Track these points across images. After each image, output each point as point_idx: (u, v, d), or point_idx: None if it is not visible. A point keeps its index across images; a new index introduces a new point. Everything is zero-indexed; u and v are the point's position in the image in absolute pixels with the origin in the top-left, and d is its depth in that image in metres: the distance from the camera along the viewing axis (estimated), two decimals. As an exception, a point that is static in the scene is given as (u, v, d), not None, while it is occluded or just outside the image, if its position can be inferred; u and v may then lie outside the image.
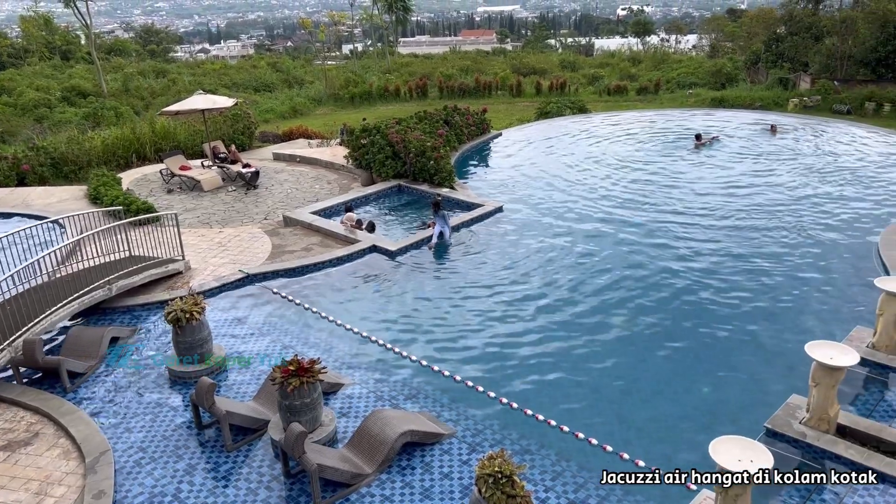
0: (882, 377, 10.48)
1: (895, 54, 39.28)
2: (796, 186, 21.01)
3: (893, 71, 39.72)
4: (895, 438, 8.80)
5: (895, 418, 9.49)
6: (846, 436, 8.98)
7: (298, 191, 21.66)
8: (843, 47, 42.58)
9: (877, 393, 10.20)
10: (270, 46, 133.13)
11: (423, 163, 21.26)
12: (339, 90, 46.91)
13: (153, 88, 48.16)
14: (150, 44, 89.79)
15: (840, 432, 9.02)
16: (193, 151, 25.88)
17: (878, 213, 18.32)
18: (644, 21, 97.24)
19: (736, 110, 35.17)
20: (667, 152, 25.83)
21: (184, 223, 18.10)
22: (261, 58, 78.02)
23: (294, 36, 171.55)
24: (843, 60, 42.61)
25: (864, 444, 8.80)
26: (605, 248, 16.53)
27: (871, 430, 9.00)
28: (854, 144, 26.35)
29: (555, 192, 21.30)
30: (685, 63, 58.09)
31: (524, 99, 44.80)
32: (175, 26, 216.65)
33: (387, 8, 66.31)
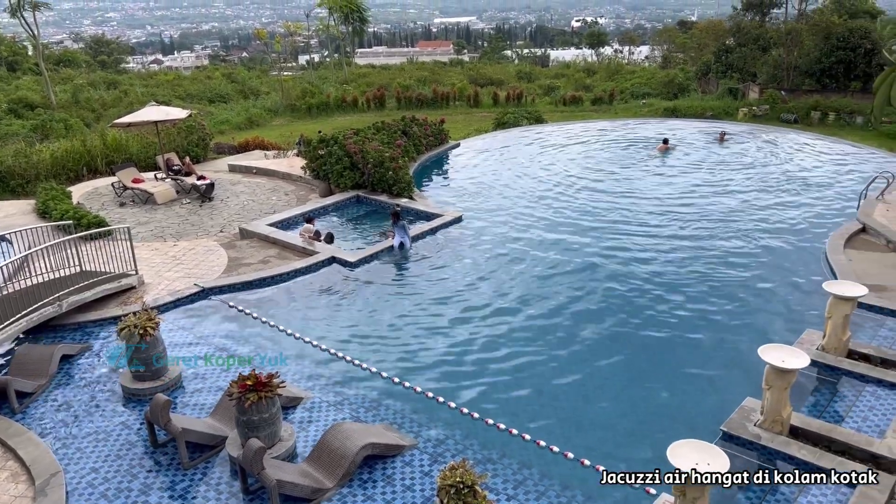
0: (831, 378, 10.76)
1: (838, 65, 40.61)
2: (747, 194, 21.54)
3: (837, 81, 41.04)
4: (845, 438, 9.04)
5: (845, 419, 9.75)
6: (799, 437, 9.19)
7: (255, 202, 21.40)
8: (789, 58, 43.90)
9: (827, 394, 10.47)
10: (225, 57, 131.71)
11: (382, 173, 21.22)
12: (295, 101, 46.55)
13: (104, 100, 47.11)
14: (101, 55, 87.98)
15: (793, 433, 9.23)
16: (147, 164, 25.38)
17: (825, 219, 18.87)
18: (598, 33, 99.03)
19: (688, 119, 35.93)
20: (622, 161, 26.24)
21: (137, 237, 17.73)
22: (215, 69, 77.06)
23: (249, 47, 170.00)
24: (789, 71, 43.92)
25: (815, 445, 9.02)
26: (562, 256, 16.69)
27: (822, 430, 9.24)
28: (801, 152, 27.14)
29: (513, 201, 21.46)
30: (638, 74, 59.19)
31: (482, 109, 45.06)
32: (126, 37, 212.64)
33: (343, 19, 66.12)
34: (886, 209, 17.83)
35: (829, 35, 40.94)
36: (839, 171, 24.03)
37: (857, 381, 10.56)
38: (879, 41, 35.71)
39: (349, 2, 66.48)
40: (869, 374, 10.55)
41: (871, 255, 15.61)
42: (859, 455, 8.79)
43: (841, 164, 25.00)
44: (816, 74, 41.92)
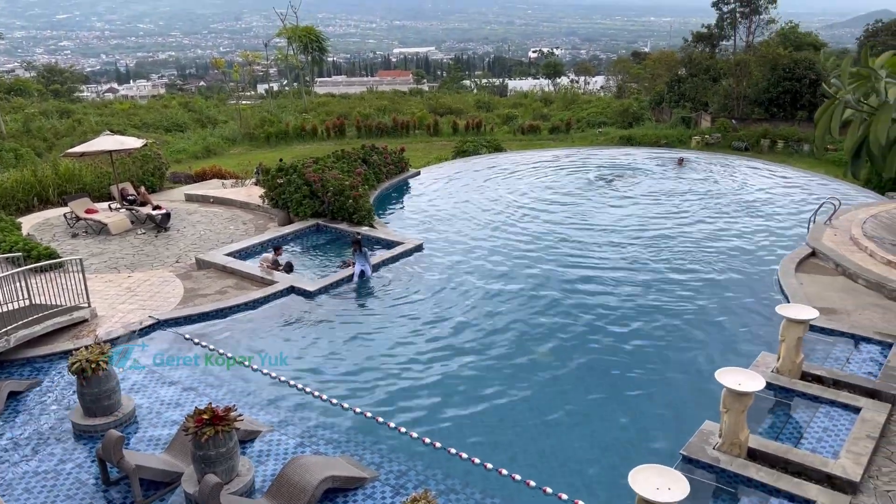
0: (787, 400, 10.96)
1: (785, 95, 42.10)
2: (700, 220, 22.02)
3: (784, 110, 42.52)
4: (801, 459, 9.19)
5: (801, 440, 9.92)
6: (756, 459, 9.32)
7: (212, 232, 21.11)
8: (738, 88, 45.35)
9: (783, 416, 10.65)
10: (182, 86, 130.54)
11: (342, 201, 21.15)
12: (254, 130, 46.30)
13: (57, 129, 46.18)
14: (54, 83, 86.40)
15: (751, 456, 9.35)
16: (101, 194, 24.88)
17: (776, 244, 19.37)
18: (554, 63, 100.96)
19: (643, 148, 36.71)
20: (579, 189, 26.63)
21: (90, 268, 17.31)
22: (172, 97, 76.28)
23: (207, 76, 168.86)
24: (739, 100, 45.35)
25: (773, 467, 9.15)
26: (522, 284, 16.78)
27: (779, 452, 9.38)
28: (752, 179, 27.92)
29: (473, 228, 21.57)
30: (594, 103, 60.40)
31: (441, 138, 45.41)
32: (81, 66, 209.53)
33: (302, 49, 66.31)
34: (834, 234, 18.38)
35: (776, 66, 42.51)
36: (788, 197, 24.75)
37: (811, 403, 10.78)
38: (823, 72, 37.15)
39: (308, 32, 66.83)
40: (822, 396, 10.77)
41: (821, 278, 16.04)
42: (815, 476, 8.93)
43: (790, 191, 25.77)
44: (765, 104, 43.38)
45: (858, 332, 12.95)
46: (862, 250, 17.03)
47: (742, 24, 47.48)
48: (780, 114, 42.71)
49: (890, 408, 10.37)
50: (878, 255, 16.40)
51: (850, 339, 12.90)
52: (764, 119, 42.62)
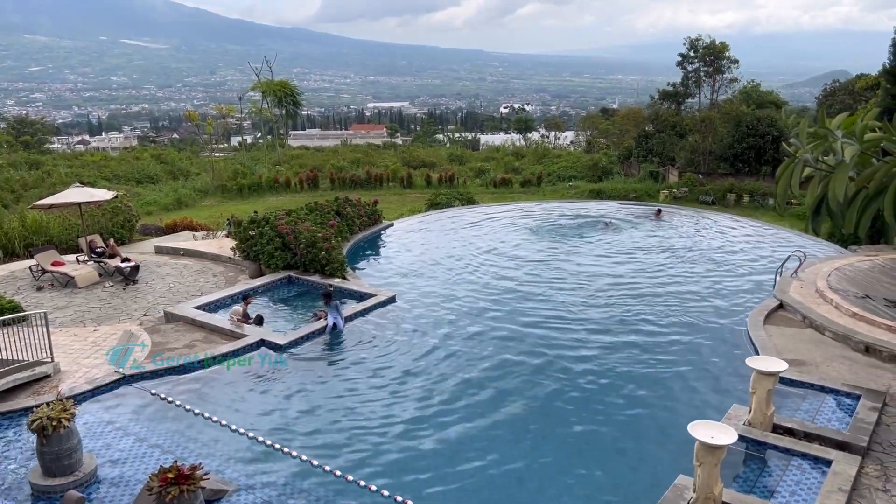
0: (759, 453, 10.96)
1: (749, 151, 43.34)
2: (670, 272, 22.29)
3: (749, 165, 43.70)
4: (775, 513, 9.14)
5: (774, 494, 9.89)
6: (731, 513, 9.24)
7: (182, 285, 20.84)
8: (704, 144, 46.63)
9: (756, 469, 10.63)
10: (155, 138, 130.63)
11: (315, 253, 21.09)
12: (226, 181, 46.31)
13: (25, 181, 45.74)
14: (24, 135, 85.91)
15: (726, 510, 9.28)
16: (68, 246, 24.55)
17: (744, 296, 19.63)
18: (525, 118, 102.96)
19: (613, 201, 37.33)
20: (551, 241, 26.89)
21: (54, 322, 16.94)
22: (144, 149, 76.18)
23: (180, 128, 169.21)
24: (705, 156, 46.55)
25: (748, 521, 9.08)
26: (494, 337, 16.74)
27: (754, 505, 9.32)
28: (720, 232, 28.46)
29: (446, 281, 21.58)
30: (564, 157, 61.56)
31: (415, 190, 45.80)
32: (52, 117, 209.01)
33: (277, 102, 66.94)
34: (801, 286, 18.71)
35: (740, 123, 43.89)
36: (755, 250, 25.22)
37: (783, 456, 10.78)
38: (785, 129, 38.39)
39: (283, 86, 67.60)
40: (794, 449, 10.79)
41: (789, 330, 16.24)
42: (790, 530, 8.88)
43: (756, 244, 26.28)
44: (730, 159, 44.58)
45: (827, 384, 13.07)
46: (828, 303, 17.34)
47: (706, 82, 49.07)
48: (745, 169, 43.89)
49: (860, 460, 10.41)
50: (844, 308, 16.70)
51: (819, 390, 13.01)
52: (729, 174, 43.73)
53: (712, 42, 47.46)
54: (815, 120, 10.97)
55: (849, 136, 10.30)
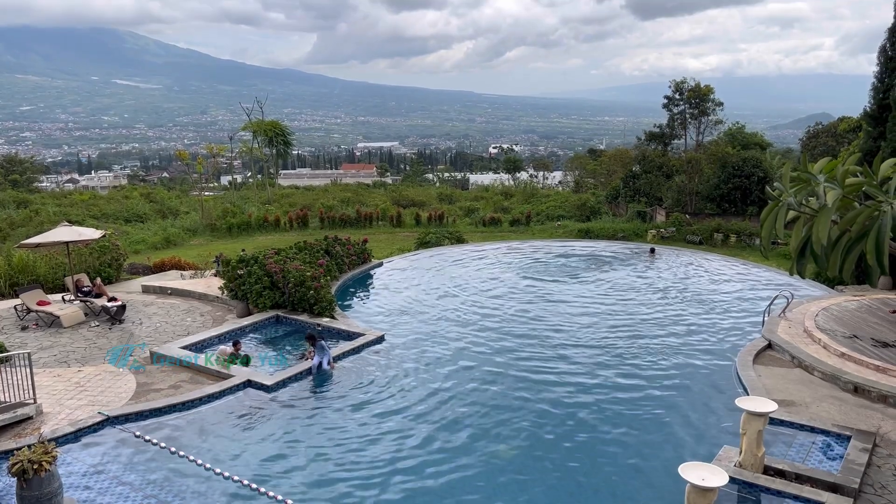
0: (751, 496, 10.86)
1: (735, 191, 43.83)
2: (659, 312, 22.32)
3: (735, 206, 44.13)
4: (768, 556, 9.03)
5: (766, 536, 9.78)
6: (724, 557, 9.12)
7: (168, 324, 20.67)
8: (690, 184, 47.12)
9: (748, 511, 10.53)
10: (145, 177, 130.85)
11: (303, 292, 21.01)
12: (216, 220, 46.25)
13: (12, 219, 45.52)
14: (13, 174, 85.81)
15: (718, 554, 9.15)
16: (55, 285, 24.35)
17: (733, 336, 19.66)
18: (514, 159, 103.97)
19: (601, 241, 37.53)
20: (542, 280, 26.93)
21: (38, 363, 16.72)
22: (134, 188, 76.20)
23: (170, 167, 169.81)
24: (691, 196, 47.02)
25: (740, 565, 8.96)
26: (483, 377, 16.65)
27: (746, 549, 9.21)
28: (707, 272, 28.60)
29: (434, 320, 21.51)
30: (553, 197, 62.01)
31: (404, 229, 45.88)
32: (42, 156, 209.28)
33: (267, 142, 67.39)
34: (789, 326, 18.78)
35: (725, 164, 44.49)
36: (742, 290, 25.34)
37: (774, 498, 10.69)
38: (770, 170, 38.90)
39: (274, 126, 68.15)
40: (786, 490, 10.71)
41: (778, 370, 16.25)
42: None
43: (744, 283, 26.41)
44: (716, 199, 45.03)
45: (817, 425, 13.03)
46: (816, 342, 17.39)
47: (692, 124, 49.77)
48: (732, 209, 44.30)
49: (852, 502, 10.34)
50: (832, 348, 16.75)
51: (809, 431, 12.97)
52: (716, 214, 44.11)
53: (697, 85, 48.26)
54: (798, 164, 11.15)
55: (831, 180, 10.48)
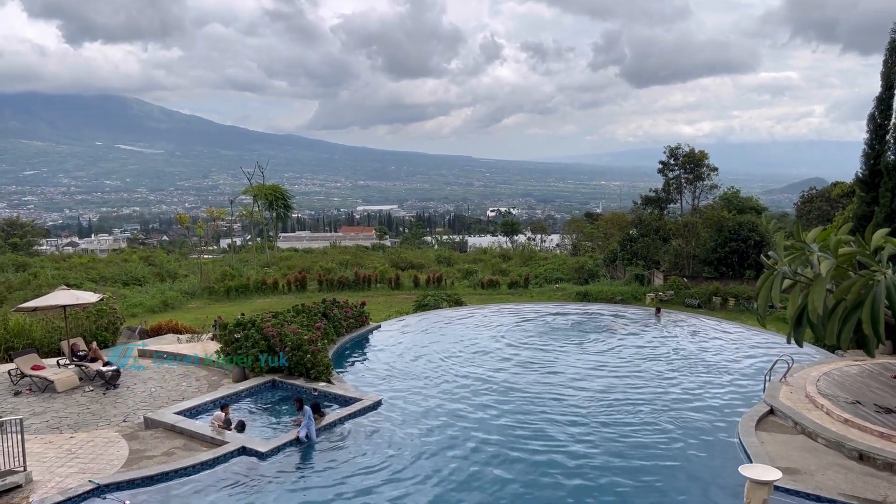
0: (758, 567, 10.56)
1: (733, 255, 44.06)
2: (657, 376, 22.12)
3: (733, 269, 44.29)
4: None
5: None
6: None
7: (163, 389, 20.42)
8: (687, 248, 47.39)
9: (755, 584, 10.21)
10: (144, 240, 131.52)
11: (300, 356, 20.85)
12: (214, 284, 46.25)
13: (11, 283, 45.53)
14: (13, 237, 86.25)
15: None
16: (50, 349, 24.17)
17: (734, 401, 19.42)
18: (512, 222, 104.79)
19: (600, 304, 37.48)
20: (540, 344, 26.76)
21: (30, 429, 16.45)
22: (133, 251, 76.56)
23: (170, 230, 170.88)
24: (689, 259, 47.23)
25: None
26: (481, 445, 16.35)
27: None
28: (706, 336, 28.47)
29: (432, 385, 21.27)
30: (551, 260, 62.30)
31: (403, 292, 45.87)
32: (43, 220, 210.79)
33: (268, 205, 68.01)
34: (790, 391, 18.58)
35: (722, 228, 44.85)
36: (742, 354, 25.17)
37: (782, 570, 10.39)
38: (766, 234, 39.20)
39: (274, 190, 68.93)
40: (793, 562, 10.43)
41: (781, 437, 16.00)
42: None
43: (743, 347, 26.26)
44: (714, 263, 45.21)
45: (823, 494, 12.76)
46: (818, 408, 17.18)
47: (687, 188, 50.40)
48: (730, 272, 44.45)
49: (862, 575, 10.05)
50: (835, 414, 16.54)
51: (815, 500, 12.69)
52: (714, 277, 44.23)
53: (691, 150, 49.12)
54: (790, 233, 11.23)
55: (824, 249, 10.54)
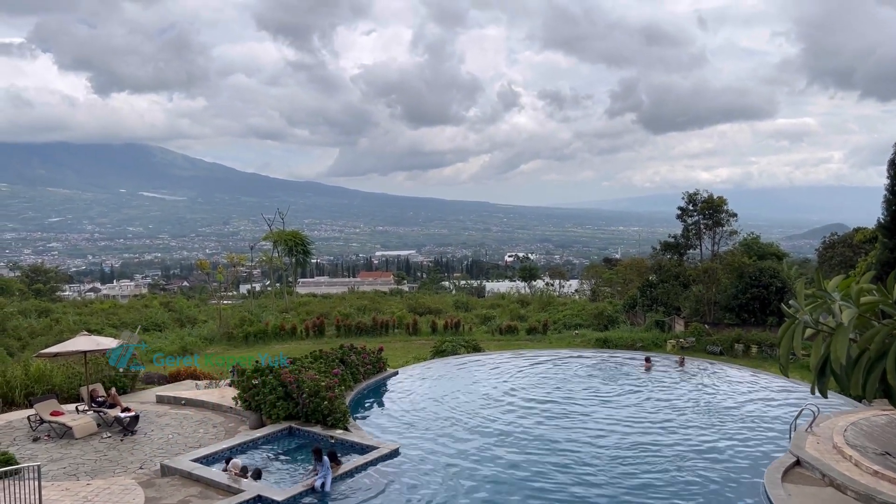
0: None
1: (754, 301, 43.45)
2: (680, 426, 21.69)
3: (755, 316, 43.65)
4: None
5: None
6: None
7: (180, 436, 20.36)
8: (708, 294, 46.87)
9: None
10: (165, 286, 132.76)
11: (317, 403, 20.73)
12: (233, 329, 46.42)
13: (33, 328, 46.04)
14: (37, 283, 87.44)
15: None
16: (70, 395, 24.25)
17: (759, 451, 18.98)
18: (530, 267, 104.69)
19: (620, 350, 37.03)
20: (560, 391, 26.41)
21: (47, 475, 16.42)
22: (154, 297, 77.25)
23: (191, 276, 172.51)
24: (710, 306, 46.67)
25: None
26: (501, 492, 16.08)
27: None
28: (729, 384, 27.96)
29: (450, 432, 21.00)
30: (569, 306, 61.87)
31: (420, 337, 45.70)
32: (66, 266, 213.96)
33: (287, 251, 68.57)
34: (817, 442, 18.13)
35: (742, 274, 44.34)
36: (766, 402, 24.66)
37: None
38: (788, 281, 38.73)
39: (294, 236, 69.57)
40: None
41: (809, 489, 15.56)
42: None
43: (767, 396, 25.73)
44: (735, 309, 44.60)
45: (854, 548, 12.35)
46: (847, 459, 16.72)
47: (706, 234, 50.15)
48: (751, 319, 43.81)
49: None
50: (864, 465, 16.08)
51: (846, 555, 12.27)
52: (735, 324, 43.61)
53: (710, 196, 49.03)
54: (810, 281, 11.07)
55: (846, 298, 10.38)
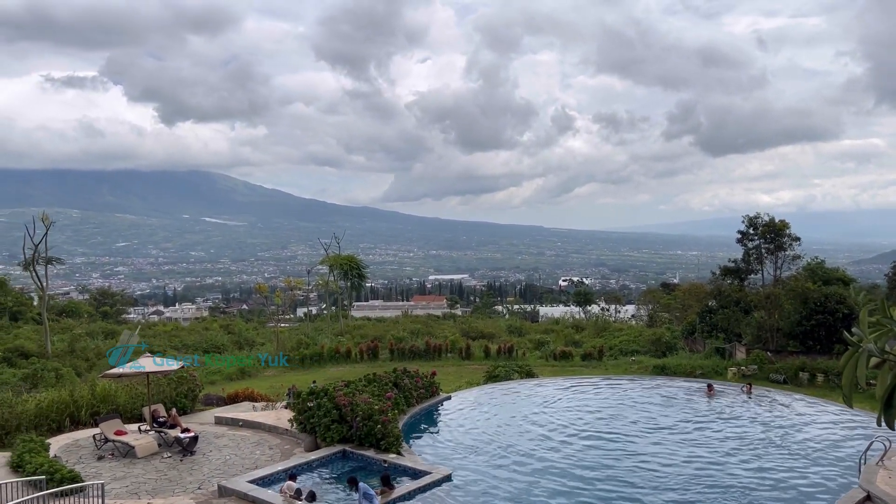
0: None
1: (819, 328, 41.69)
2: (745, 458, 20.99)
3: (821, 343, 41.85)
4: None
5: None
6: None
7: (237, 457, 20.71)
8: (770, 320, 45.29)
9: None
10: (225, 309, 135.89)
11: (371, 426, 20.84)
12: (289, 352, 47.12)
13: (100, 349, 47.63)
14: (104, 305, 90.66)
15: None
16: (132, 415, 24.97)
17: (827, 485, 18.20)
18: (585, 291, 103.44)
19: (678, 378, 36.07)
20: (616, 419, 25.92)
21: (110, 493, 16.88)
22: (214, 320, 79.12)
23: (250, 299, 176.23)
24: (772, 332, 45.08)
25: None
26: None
27: None
28: (795, 414, 26.93)
29: (505, 458, 20.82)
30: (626, 331, 60.74)
31: (473, 362, 45.50)
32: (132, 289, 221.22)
33: (343, 275, 69.48)
34: (889, 476, 17.30)
35: (807, 300, 42.62)
36: (834, 434, 23.66)
37: None
38: (855, 307, 37.19)
39: (349, 260, 70.48)
40: None
41: (880, 524, 14.85)
42: None
43: (835, 427, 24.68)
44: (799, 336, 42.87)
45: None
46: (921, 493, 15.91)
47: (768, 259, 48.62)
48: (817, 347, 42.00)
49: None
50: (940, 500, 15.27)
51: None
52: (800, 351, 41.93)
53: (771, 220, 47.63)
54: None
55: (914, 325, 9.89)
